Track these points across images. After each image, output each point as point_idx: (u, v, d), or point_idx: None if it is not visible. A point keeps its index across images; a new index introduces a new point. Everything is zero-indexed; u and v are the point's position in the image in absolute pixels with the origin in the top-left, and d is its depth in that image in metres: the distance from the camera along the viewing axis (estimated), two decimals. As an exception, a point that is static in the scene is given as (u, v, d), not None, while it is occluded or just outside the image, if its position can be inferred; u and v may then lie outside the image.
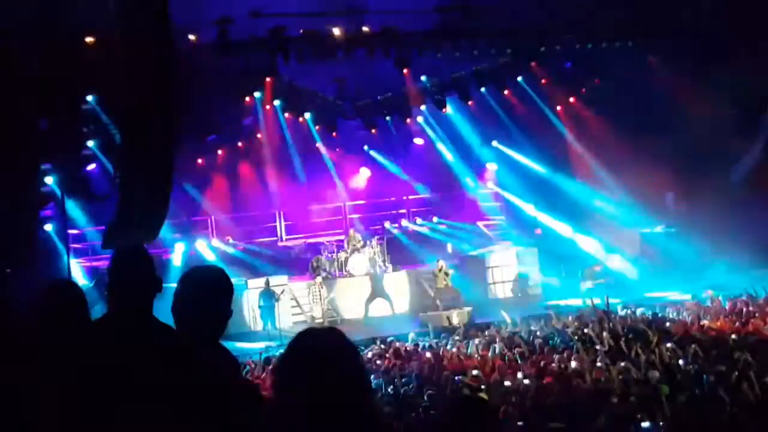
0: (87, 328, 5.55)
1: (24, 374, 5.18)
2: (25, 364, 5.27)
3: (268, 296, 25.29)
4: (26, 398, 5.08)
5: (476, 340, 20.06)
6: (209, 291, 4.78)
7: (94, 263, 25.77)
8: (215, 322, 4.79)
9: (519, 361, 17.43)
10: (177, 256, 27.06)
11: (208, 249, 28.73)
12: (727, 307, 21.73)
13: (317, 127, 29.28)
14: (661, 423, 12.12)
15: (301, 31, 23.96)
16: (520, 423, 13.10)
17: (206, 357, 4.71)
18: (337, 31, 24.54)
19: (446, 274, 26.44)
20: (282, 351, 3.57)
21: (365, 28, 24.35)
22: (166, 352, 4.84)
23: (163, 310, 5.06)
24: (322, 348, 3.46)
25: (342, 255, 28.08)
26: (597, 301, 20.97)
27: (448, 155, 33.07)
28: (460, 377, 15.95)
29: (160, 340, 5.02)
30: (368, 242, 28.46)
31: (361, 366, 3.54)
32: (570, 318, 21.58)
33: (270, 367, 16.97)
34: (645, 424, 12.11)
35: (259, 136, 31.49)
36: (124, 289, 5.27)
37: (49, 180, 23.14)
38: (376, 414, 3.51)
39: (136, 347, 4.92)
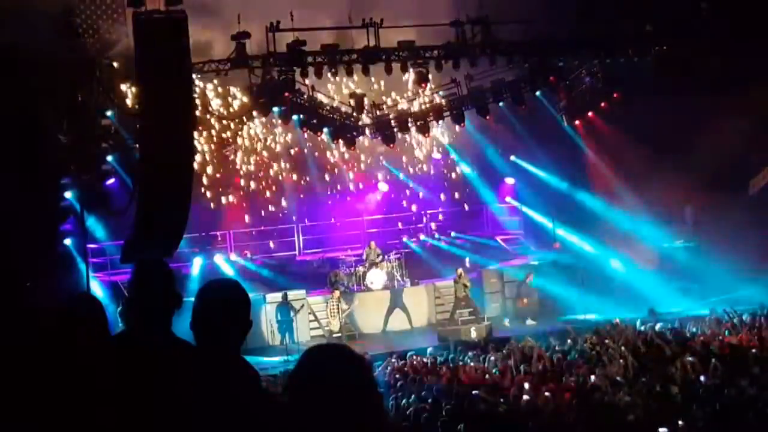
0: (107, 342, 5.57)
1: (46, 386, 5.20)
2: (47, 376, 5.29)
3: (286, 310, 25.31)
4: (50, 409, 5.11)
5: (495, 355, 20.01)
6: (226, 304, 4.80)
7: (113, 277, 25.85)
8: (235, 334, 4.80)
9: (538, 376, 17.37)
10: (195, 271, 27.11)
11: (226, 263, 28.76)
12: (747, 322, 21.61)
13: (335, 142, 29.28)
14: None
15: (320, 45, 24.02)
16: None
17: (227, 369, 4.72)
18: (355, 46, 24.62)
19: (465, 285, 26.36)
20: (291, 367, 3.57)
21: (383, 43, 24.39)
22: (186, 367, 4.85)
23: (183, 324, 5.08)
24: (329, 364, 3.46)
25: (360, 269, 28.07)
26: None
27: (466, 169, 33.07)
28: (478, 392, 15.90)
29: (179, 355, 5.03)
30: (386, 256, 28.43)
31: (369, 381, 3.53)
32: (589, 333, 21.49)
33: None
34: (662, 430, 12.06)
35: (277, 150, 31.59)
36: (144, 303, 5.30)
37: (68, 194, 23.26)
38: (388, 429, 3.50)
39: (156, 362, 4.93)
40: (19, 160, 19.64)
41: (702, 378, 15.88)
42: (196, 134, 23.03)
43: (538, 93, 28.05)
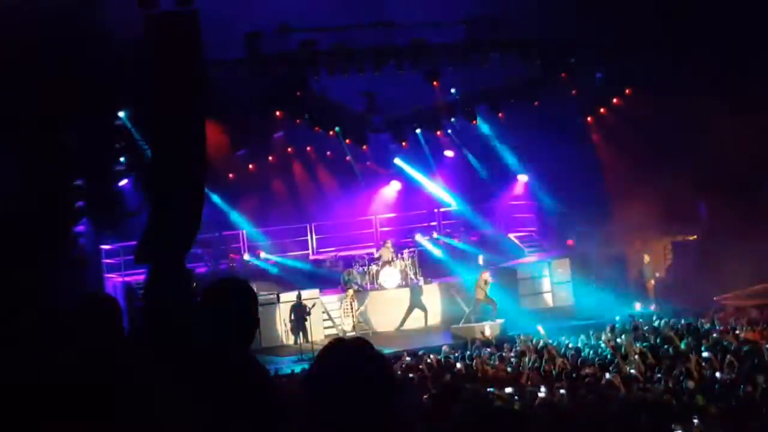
0: (119, 342, 5.58)
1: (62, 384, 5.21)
2: (61, 375, 5.30)
3: (300, 310, 25.29)
4: (63, 408, 5.11)
5: (509, 353, 19.99)
6: (233, 301, 4.81)
7: (127, 278, 25.90)
8: (242, 332, 4.81)
9: (552, 373, 17.34)
10: (207, 271, 27.14)
11: (240, 263, 28.79)
12: (761, 317, 21.56)
13: (347, 141, 29.29)
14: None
15: (330, 44, 24.02)
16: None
17: (235, 366, 4.73)
18: (365, 45, 24.62)
19: (486, 283, 26.00)
20: (311, 363, 3.56)
21: (394, 42, 24.39)
22: (197, 365, 4.86)
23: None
24: (351, 359, 3.44)
25: (374, 268, 28.03)
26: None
27: (479, 167, 33.00)
28: (492, 389, 15.88)
29: (194, 356, 5.04)
30: (399, 255, 28.37)
31: (390, 376, 3.51)
32: (603, 330, 21.45)
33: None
34: (677, 429, 12.01)
35: (289, 149, 31.60)
36: (159, 305, 5.32)
37: (81, 196, 23.31)
38: (404, 426, 3.49)
39: (169, 363, 4.95)
40: (31, 163, 19.67)
41: (717, 374, 15.83)
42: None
43: (550, 89, 27.98)
